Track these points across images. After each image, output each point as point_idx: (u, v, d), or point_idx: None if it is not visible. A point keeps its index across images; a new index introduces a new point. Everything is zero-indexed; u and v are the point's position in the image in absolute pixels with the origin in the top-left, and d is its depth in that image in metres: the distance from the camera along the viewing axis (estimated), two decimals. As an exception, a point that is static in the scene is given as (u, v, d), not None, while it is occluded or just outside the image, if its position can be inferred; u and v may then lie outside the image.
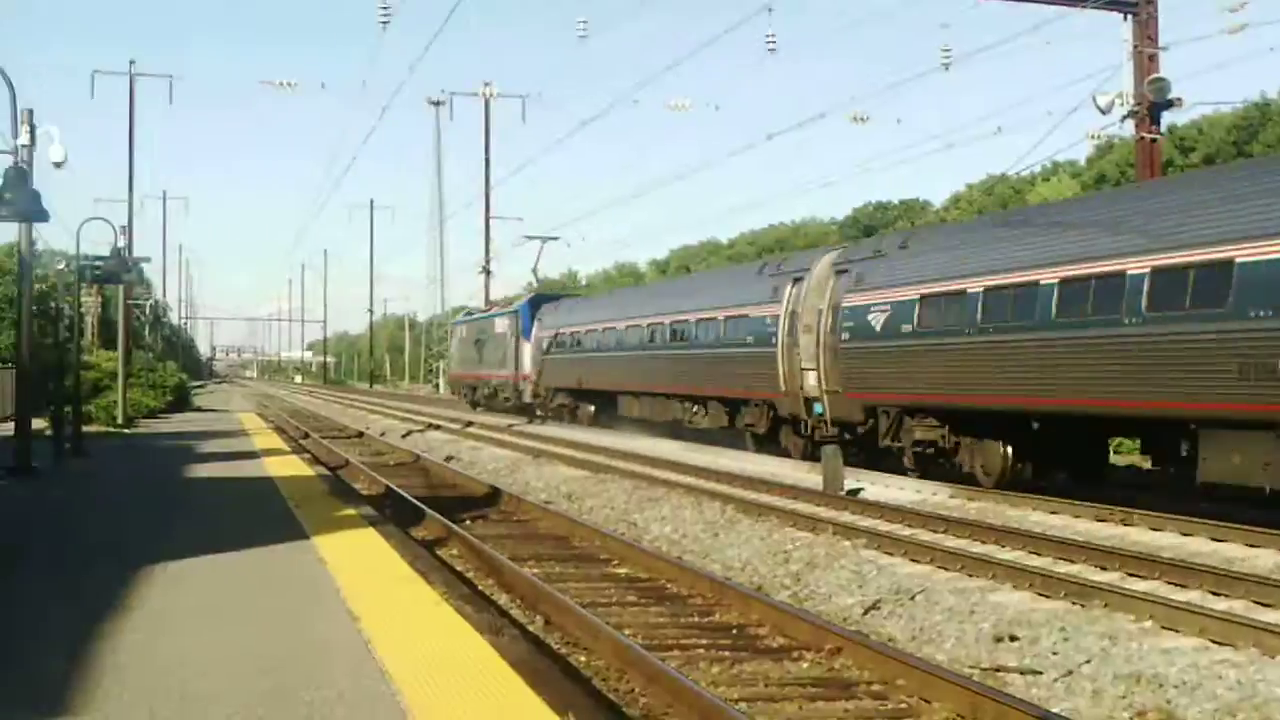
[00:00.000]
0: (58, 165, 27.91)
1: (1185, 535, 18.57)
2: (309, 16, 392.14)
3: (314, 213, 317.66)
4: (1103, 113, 31.25)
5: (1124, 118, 31.53)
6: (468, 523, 21.70)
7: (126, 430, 42.04)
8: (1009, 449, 23.96)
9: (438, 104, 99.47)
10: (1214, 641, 12.20)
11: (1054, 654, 12.21)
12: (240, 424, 49.19)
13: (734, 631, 13.76)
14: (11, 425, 25.87)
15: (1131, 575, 15.58)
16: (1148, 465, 24.72)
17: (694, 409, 38.99)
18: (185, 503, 20.11)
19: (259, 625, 10.02)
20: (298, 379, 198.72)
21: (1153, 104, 31.04)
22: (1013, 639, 12.84)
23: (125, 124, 62.60)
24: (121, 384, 45.05)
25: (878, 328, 26.98)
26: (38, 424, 27.01)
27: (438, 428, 51.17)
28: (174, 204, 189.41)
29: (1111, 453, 26.63)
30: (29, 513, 18.36)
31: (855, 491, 24.74)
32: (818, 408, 29.77)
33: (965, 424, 24.99)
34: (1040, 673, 11.88)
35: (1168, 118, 34.34)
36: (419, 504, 23.36)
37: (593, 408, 49.90)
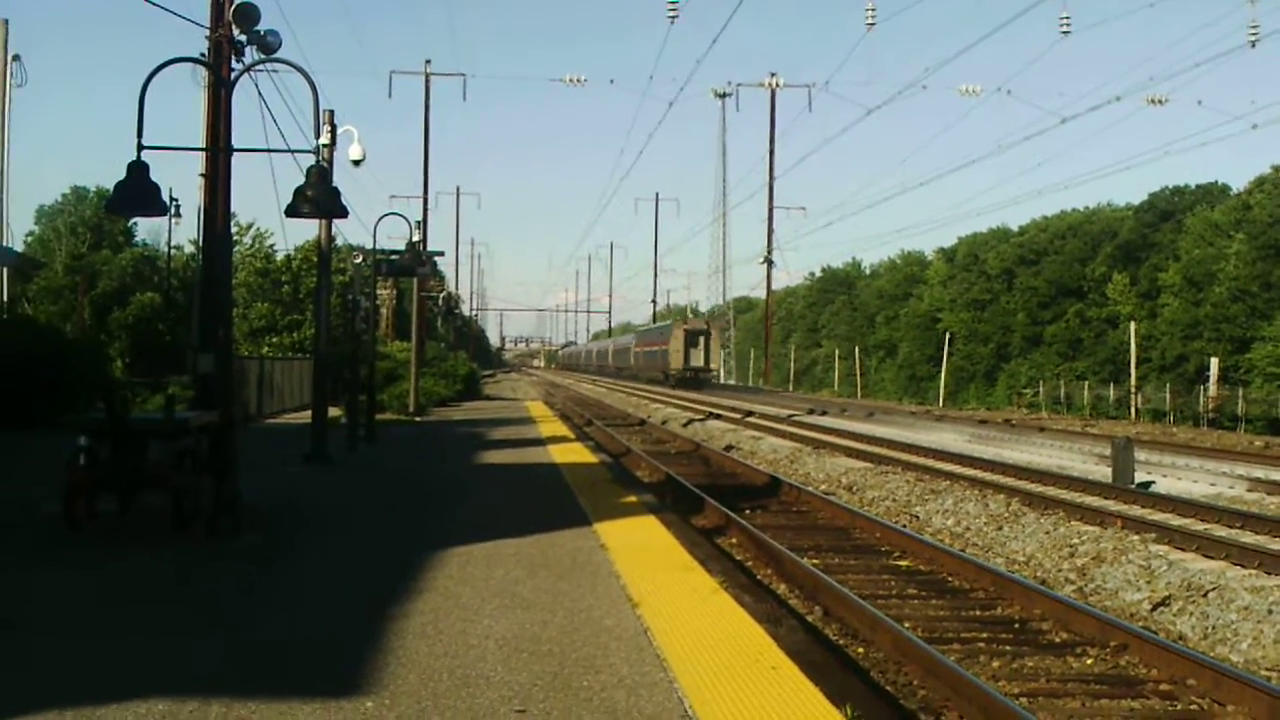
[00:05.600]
0: (356, 163, 29.02)
1: None
2: (599, 14, 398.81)
3: (601, 206, 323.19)
4: None
5: None
6: (747, 512, 21.80)
7: (418, 418, 43.37)
8: None
9: (723, 96, 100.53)
10: None
11: (1360, 658, 11.65)
12: (527, 412, 50.31)
13: (1016, 626, 13.55)
14: (309, 414, 26.95)
15: None
16: None
17: None
18: (473, 488, 20.65)
19: (541, 609, 10.26)
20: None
21: None
22: (1315, 641, 12.30)
23: (421, 123, 64.72)
24: (414, 373, 46.56)
25: None
26: (334, 412, 28.09)
27: (718, 417, 51.44)
28: (467, 199, 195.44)
29: None
30: (325, 499, 19.11)
31: (1146, 485, 24.02)
32: None
33: None
34: (1345, 678, 11.35)
35: None
36: (699, 492, 23.56)
37: None
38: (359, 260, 32.10)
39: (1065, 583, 16.54)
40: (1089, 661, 11.97)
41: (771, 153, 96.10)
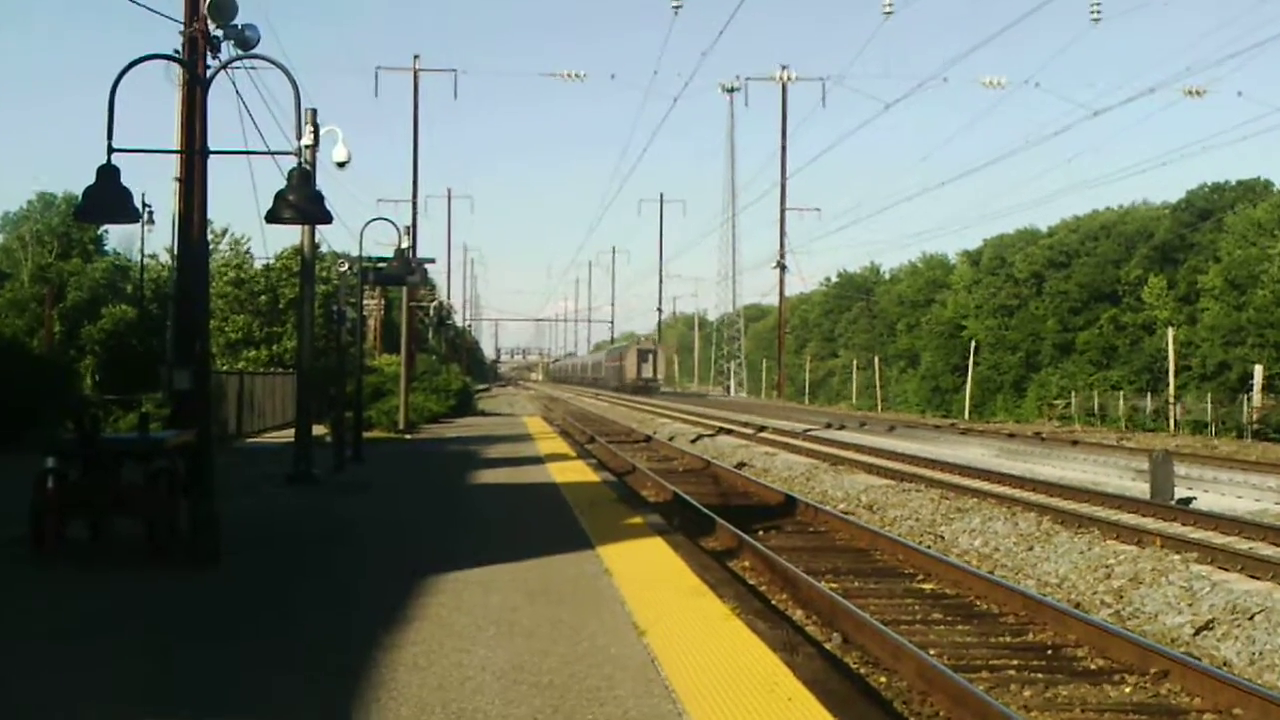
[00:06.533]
0: (341, 165, 29.03)
1: None
2: (598, 5, 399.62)
3: (602, 209, 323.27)
4: None
5: None
6: (761, 533, 21.79)
7: (408, 436, 43.41)
8: None
9: (731, 91, 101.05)
10: None
11: None
12: (524, 428, 50.32)
13: (1049, 652, 13.53)
14: (293, 432, 26.93)
15: None
16: None
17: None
18: (468, 510, 20.66)
19: (541, 638, 10.26)
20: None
21: None
22: (1368, 666, 12.28)
23: (409, 122, 64.66)
24: (404, 389, 46.57)
25: None
26: (318, 430, 28.07)
27: (729, 432, 51.43)
28: (459, 203, 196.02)
29: None
30: (310, 522, 19.11)
31: (1187, 501, 24.01)
32: None
33: None
34: (1401, 705, 11.32)
35: None
36: (709, 513, 23.54)
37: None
38: (344, 268, 32.13)
39: (1101, 606, 16.52)
40: (1127, 690, 11.95)
41: (783, 151, 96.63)
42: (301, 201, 13.75)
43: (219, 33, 21.25)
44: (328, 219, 14.81)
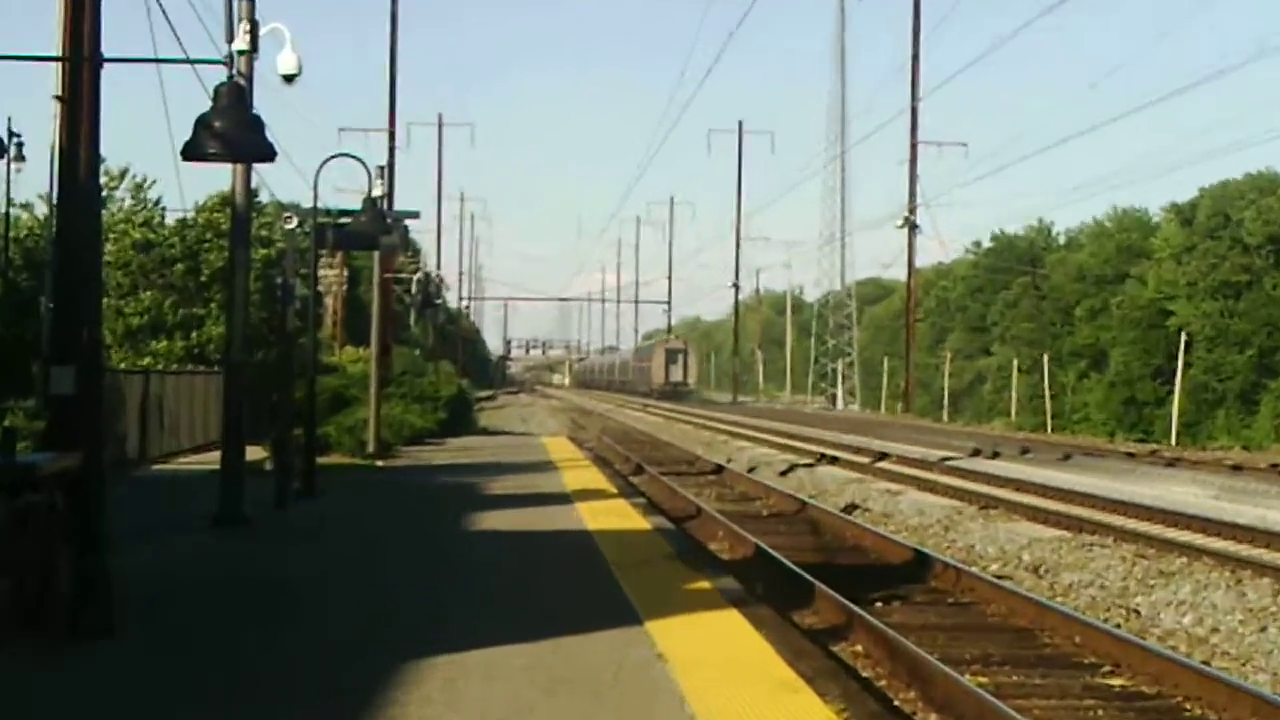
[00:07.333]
0: (289, 80, 29.11)
1: None
2: None
3: (656, 143, 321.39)
4: None
5: None
6: (879, 605, 21.78)
7: (380, 462, 43.49)
8: None
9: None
10: None
11: None
12: (544, 452, 50.33)
13: (1288, 778, 13.47)
14: (218, 455, 26.91)
15: None
16: None
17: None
18: (463, 567, 20.70)
19: (567, 750, 10.28)
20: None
21: None
22: None
23: (384, 19, 64.76)
24: (374, 395, 46.69)
25: None
26: (254, 453, 28.15)
27: (834, 461, 51.32)
28: (454, 134, 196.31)
29: None
30: (242, 580, 19.18)
31: None
32: None
33: None
34: None
35: None
36: (806, 575, 23.52)
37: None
38: (292, 225, 32.21)
39: (1365, 712, 16.44)
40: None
41: (915, 62, 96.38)
42: (233, 130, 13.81)
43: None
44: (270, 154, 14.87)
